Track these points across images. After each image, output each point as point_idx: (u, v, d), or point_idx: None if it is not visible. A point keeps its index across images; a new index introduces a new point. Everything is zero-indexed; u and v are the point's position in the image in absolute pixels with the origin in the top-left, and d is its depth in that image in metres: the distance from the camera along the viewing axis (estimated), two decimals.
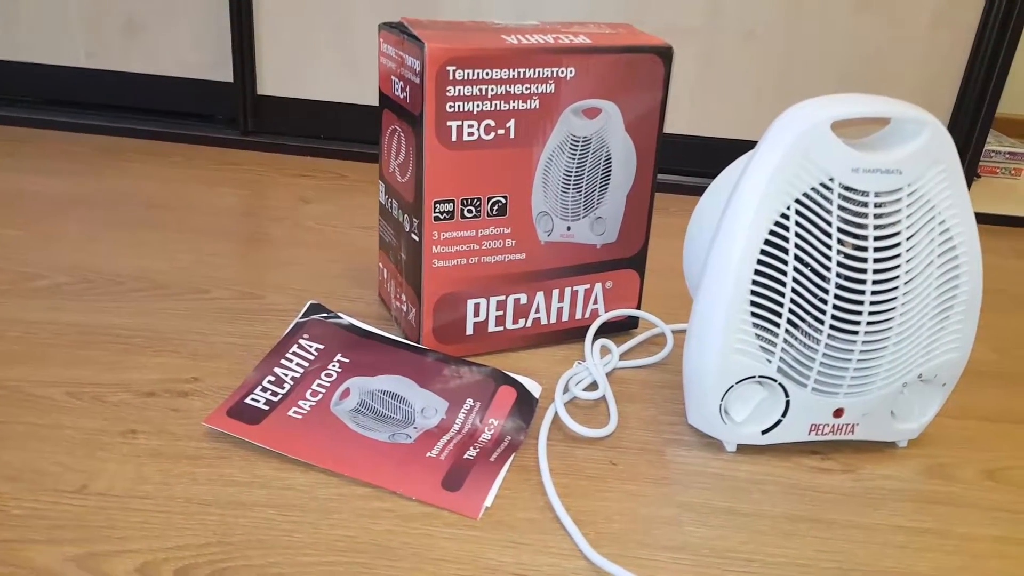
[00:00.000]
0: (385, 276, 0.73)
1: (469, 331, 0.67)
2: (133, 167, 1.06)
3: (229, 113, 1.18)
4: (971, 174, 1.15)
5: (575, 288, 0.70)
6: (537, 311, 0.69)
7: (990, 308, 0.88)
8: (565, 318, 0.70)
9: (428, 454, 0.54)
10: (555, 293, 0.69)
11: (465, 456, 0.54)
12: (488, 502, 0.51)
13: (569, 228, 0.67)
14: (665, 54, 0.64)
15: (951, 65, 1.11)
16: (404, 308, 0.68)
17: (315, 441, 0.54)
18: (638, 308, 0.73)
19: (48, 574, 0.44)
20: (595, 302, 0.71)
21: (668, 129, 1.16)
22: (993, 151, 1.37)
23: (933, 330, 0.57)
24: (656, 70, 0.65)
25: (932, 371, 0.58)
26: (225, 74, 1.16)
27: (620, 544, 0.49)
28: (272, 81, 1.16)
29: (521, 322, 0.69)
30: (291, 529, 0.48)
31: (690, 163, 1.16)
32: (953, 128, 1.14)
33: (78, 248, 0.81)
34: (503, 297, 0.67)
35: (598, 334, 0.72)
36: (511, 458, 0.55)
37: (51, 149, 1.09)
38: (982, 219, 1.16)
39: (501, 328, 0.68)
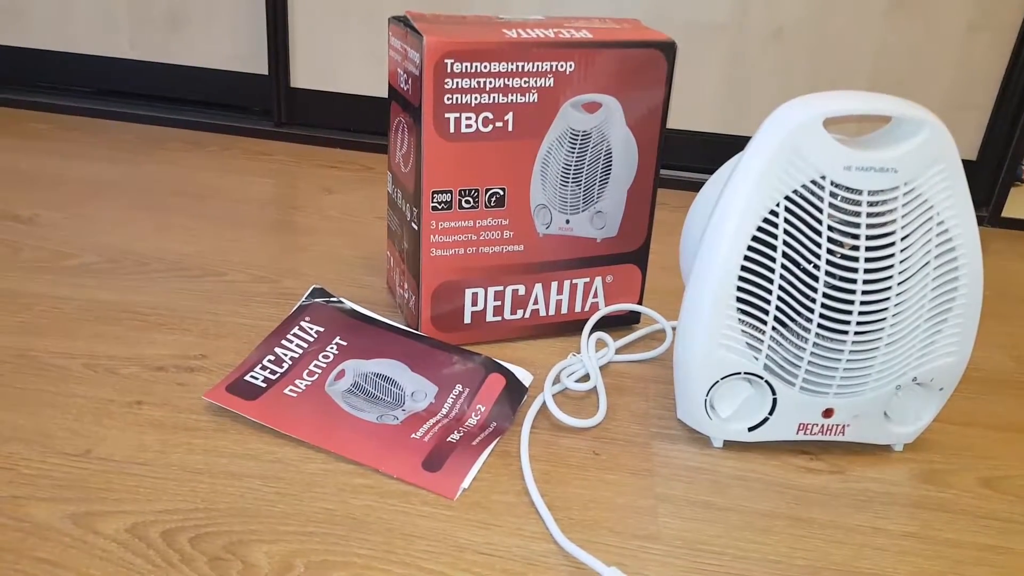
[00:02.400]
0: (392, 264, 0.75)
1: (467, 320, 0.68)
2: (172, 155, 1.10)
3: (264, 105, 1.22)
4: (1010, 179, 1.11)
5: (574, 281, 0.70)
6: (536, 303, 0.70)
7: (1012, 316, 0.85)
8: (564, 311, 0.71)
9: (413, 435, 0.55)
10: (554, 285, 0.70)
11: (448, 439, 0.55)
12: (466, 484, 0.52)
13: (568, 221, 0.68)
14: (667, 49, 0.65)
15: (989, 67, 1.08)
16: (407, 296, 0.70)
17: (306, 418, 0.56)
18: (640, 303, 0.74)
19: (46, 528, 0.46)
20: (595, 296, 0.72)
21: (692, 126, 1.15)
22: None
23: (928, 332, 0.56)
24: (658, 65, 0.65)
25: (928, 374, 0.57)
26: (260, 67, 1.20)
27: (591, 531, 0.50)
28: (305, 74, 1.19)
29: (520, 313, 0.70)
30: (274, 499, 0.50)
31: (716, 161, 1.15)
32: (991, 132, 1.10)
33: (110, 230, 0.85)
34: (501, 288, 0.68)
35: (600, 328, 0.73)
36: (494, 443, 0.56)
37: (99, 137, 1.14)
38: (1017, 225, 1.12)
39: (499, 318, 0.69)
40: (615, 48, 0.63)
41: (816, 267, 0.54)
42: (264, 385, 0.59)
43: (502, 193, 0.65)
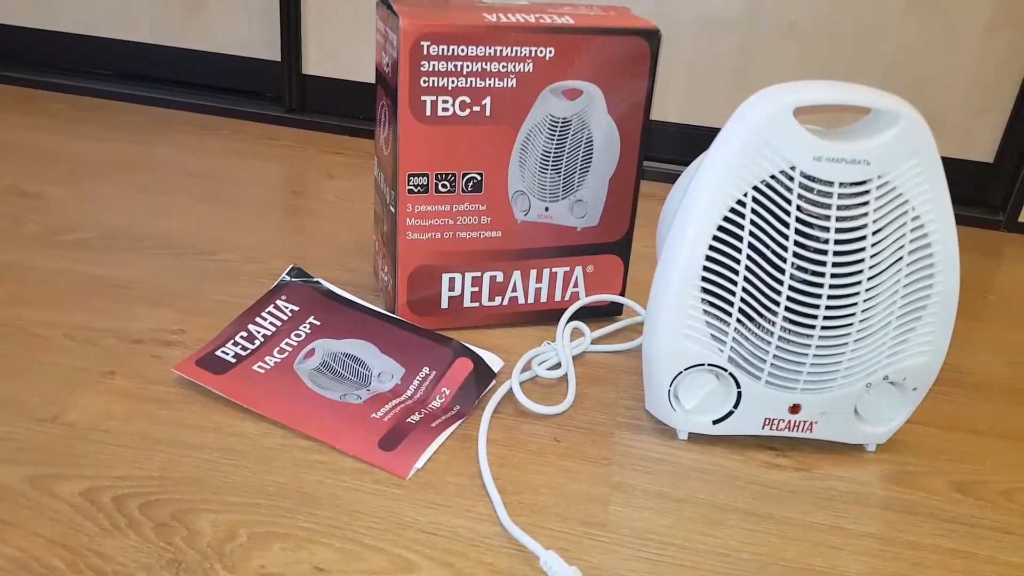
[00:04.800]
0: (376, 248, 0.75)
1: (444, 305, 0.69)
2: (182, 138, 1.12)
3: (276, 91, 1.23)
4: None
5: (554, 270, 0.70)
6: (514, 290, 0.70)
7: (1018, 322, 0.82)
8: (544, 299, 0.71)
9: (373, 415, 0.56)
10: (533, 273, 0.69)
11: (408, 420, 0.56)
12: (420, 464, 0.52)
13: (547, 209, 0.67)
14: (651, 37, 0.64)
15: (1008, 68, 1.04)
16: (387, 279, 0.70)
17: (270, 394, 0.57)
18: (622, 294, 0.73)
19: (3, 488, 0.48)
20: (575, 285, 0.71)
21: (701, 122, 1.14)
22: None
23: (901, 330, 0.55)
24: (641, 53, 0.64)
25: (900, 373, 0.56)
26: (274, 53, 1.22)
27: (539, 515, 0.50)
28: (317, 61, 1.20)
29: (497, 299, 0.70)
30: (228, 472, 0.51)
31: None
32: (1009, 135, 1.07)
33: (110, 208, 0.87)
34: (479, 273, 0.68)
35: (582, 318, 0.72)
36: (454, 426, 0.56)
37: (113, 119, 1.17)
38: None
39: (477, 304, 0.69)
40: (596, 35, 0.63)
41: (783, 259, 0.53)
42: (234, 361, 0.59)
43: (479, 178, 0.65)
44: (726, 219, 0.53)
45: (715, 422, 0.57)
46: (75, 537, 0.45)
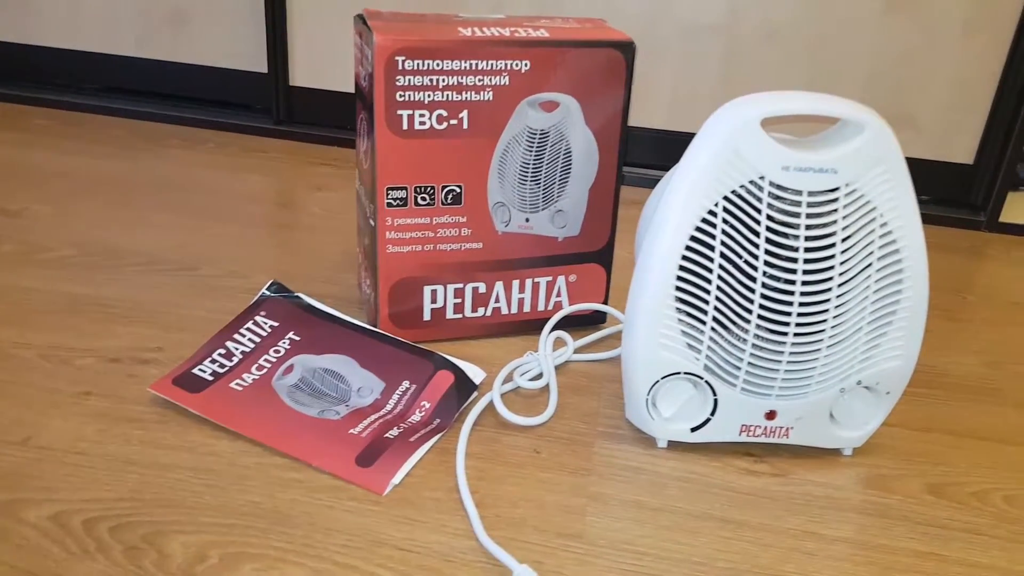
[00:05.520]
0: (360, 261, 0.76)
1: (427, 317, 0.69)
2: (169, 152, 1.12)
3: (264, 103, 1.24)
4: (1007, 184, 1.08)
5: (536, 280, 0.70)
6: (497, 301, 0.70)
7: (997, 322, 0.83)
8: (527, 309, 0.71)
9: (351, 431, 0.56)
10: (515, 284, 0.70)
11: (386, 435, 0.56)
12: (397, 480, 0.53)
13: (528, 220, 0.68)
14: (626, 49, 0.64)
15: (986, 69, 1.05)
16: (369, 292, 0.71)
17: (246, 412, 0.57)
18: (605, 303, 0.73)
19: None
20: (558, 295, 0.72)
21: (688, 127, 1.14)
22: None
23: (872, 335, 0.55)
24: (617, 65, 0.65)
25: (873, 378, 0.56)
26: (261, 65, 1.22)
27: (516, 528, 0.50)
28: (304, 73, 1.21)
29: (481, 311, 0.70)
30: (201, 492, 0.51)
31: None
32: (988, 135, 1.08)
33: (94, 225, 0.87)
34: (461, 285, 0.68)
35: (566, 327, 0.72)
36: (434, 440, 0.57)
37: (100, 134, 1.17)
38: (1015, 230, 1.09)
39: (460, 316, 0.70)
40: (571, 47, 0.63)
41: (754, 268, 0.53)
42: (211, 378, 0.60)
43: (459, 191, 0.65)
44: (698, 229, 0.53)
45: (693, 430, 0.58)
46: (41, 563, 0.45)
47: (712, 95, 1.12)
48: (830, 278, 0.53)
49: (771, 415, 0.57)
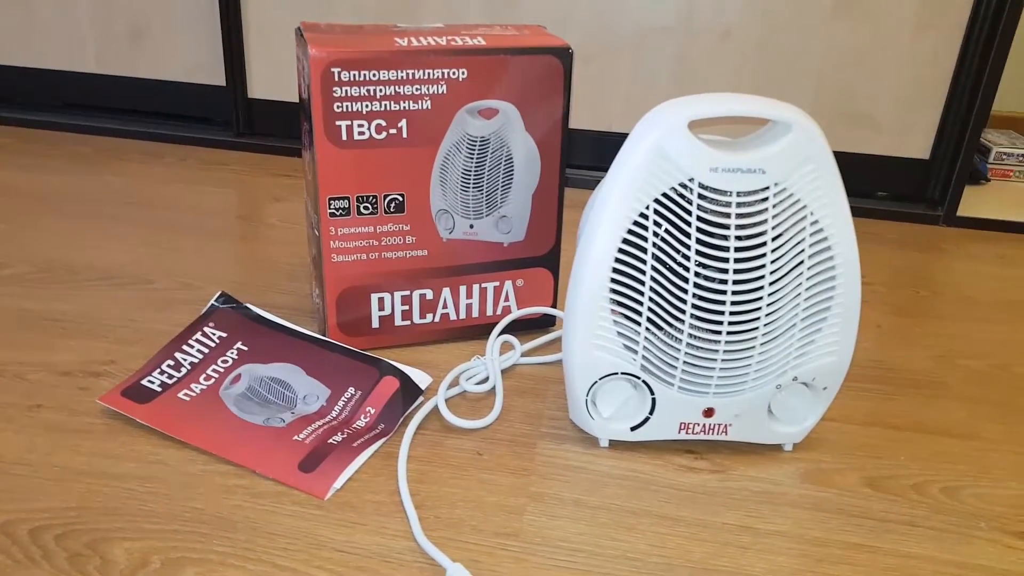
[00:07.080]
0: (311, 270, 0.76)
1: (375, 324, 0.70)
2: (128, 167, 1.12)
3: (223, 115, 1.24)
4: (963, 178, 1.10)
5: (483, 285, 0.71)
6: (445, 307, 0.71)
7: (949, 316, 0.85)
8: (476, 314, 0.72)
9: (295, 437, 0.56)
10: (463, 290, 0.71)
11: (330, 441, 0.56)
12: (338, 484, 0.53)
13: (472, 226, 0.69)
14: (563, 55, 0.65)
15: (938, 66, 1.07)
16: (318, 301, 0.71)
17: (193, 422, 0.57)
18: (553, 306, 0.74)
19: None
20: (506, 299, 0.73)
21: None
22: (1005, 153, 1.31)
23: (806, 331, 0.56)
24: (555, 71, 0.66)
25: (809, 374, 0.57)
26: (219, 78, 1.23)
27: (454, 529, 0.51)
28: (262, 85, 1.21)
29: (429, 317, 0.71)
30: (147, 499, 0.51)
31: None
32: (943, 131, 1.09)
33: (50, 241, 0.87)
34: (408, 292, 0.69)
35: (515, 331, 0.73)
36: (376, 445, 0.57)
37: (59, 150, 1.17)
38: (972, 224, 1.11)
39: (408, 323, 0.70)
40: (508, 55, 0.64)
41: (686, 269, 0.54)
42: (159, 389, 0.60)
43: (401, 199, 0.66)
44: (630, 231, 0.54)
45: (633, 429, 0.59)
46: None
47: (666, 96, 1.13)
48: (761, 276, 0.54)
49: (709, 412, 0.58)
